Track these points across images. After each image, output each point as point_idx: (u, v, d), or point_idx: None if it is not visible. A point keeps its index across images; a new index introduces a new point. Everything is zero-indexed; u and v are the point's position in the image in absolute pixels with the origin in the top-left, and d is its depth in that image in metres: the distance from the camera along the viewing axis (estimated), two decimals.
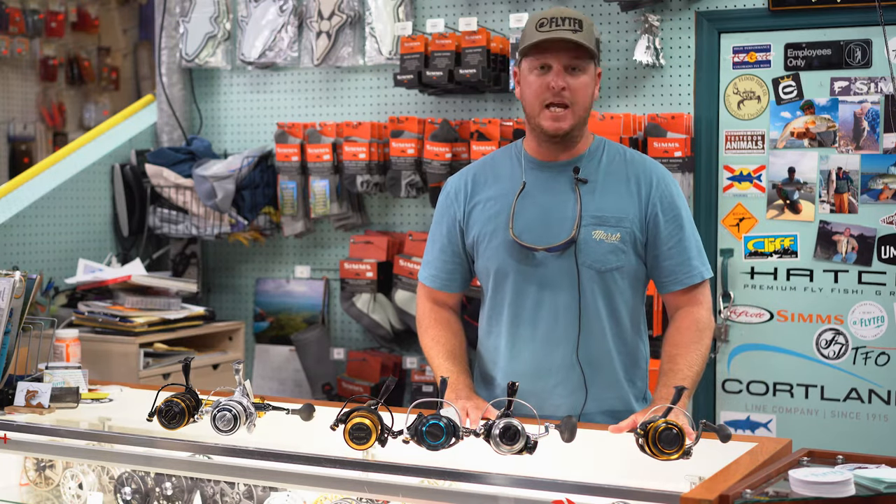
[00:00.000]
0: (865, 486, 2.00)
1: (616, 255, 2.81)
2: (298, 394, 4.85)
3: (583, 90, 2.78)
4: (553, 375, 2.84)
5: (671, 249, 2.84)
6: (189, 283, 4.61)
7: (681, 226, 2.84)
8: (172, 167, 4.83)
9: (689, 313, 2.85)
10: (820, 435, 4.02)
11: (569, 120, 2.78)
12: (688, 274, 2.85)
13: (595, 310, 2.83)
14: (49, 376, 2.91)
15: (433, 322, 3.00)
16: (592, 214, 2.80)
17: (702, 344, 2.81)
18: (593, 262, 2.80)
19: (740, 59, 4.12)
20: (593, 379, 2.84)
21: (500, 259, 2.86)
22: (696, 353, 2.78)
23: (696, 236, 2.89)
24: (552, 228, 2.81)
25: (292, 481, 2.36)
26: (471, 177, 2.97)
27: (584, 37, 2.75)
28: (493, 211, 2.89)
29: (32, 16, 7.81)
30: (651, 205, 2.83)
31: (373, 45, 4.66)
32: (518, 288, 2.86)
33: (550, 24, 2.75)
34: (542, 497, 2.10)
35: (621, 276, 2.83)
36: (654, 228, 2.83)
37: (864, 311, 3.99)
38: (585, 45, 2.74)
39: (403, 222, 4.73)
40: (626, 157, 2.89)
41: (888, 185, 3.93)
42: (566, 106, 2.77)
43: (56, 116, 8.21)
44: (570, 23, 2.75)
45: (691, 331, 2.82)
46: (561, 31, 2.74)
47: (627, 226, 2.81)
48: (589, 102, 2.81)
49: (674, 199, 2.85)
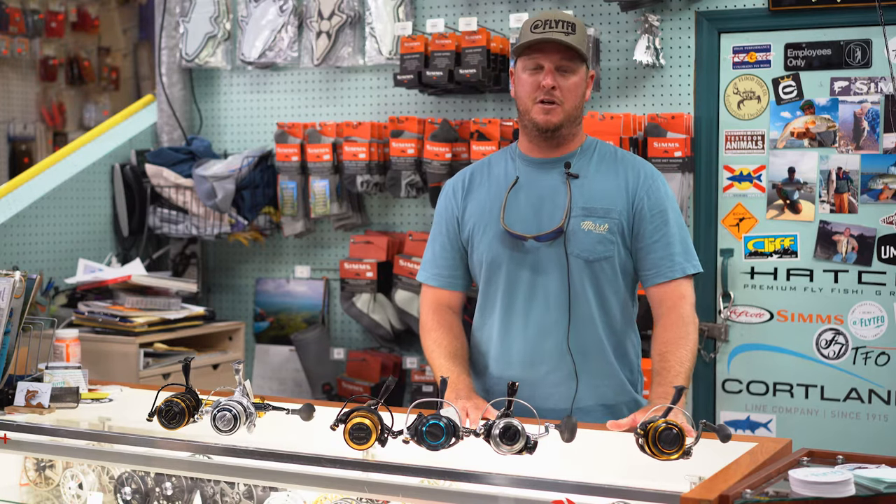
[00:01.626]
0: (865, 486, 2.00)
1: (604, 245, 2.87)
2: (298, 394, 4.84)
3: (573, 90, 2.87)
4: (544, 363, 2.89)
5: (655, 243, 2.89)
6: (189, 283, 4.61)
7: (665, 221, 2.89)
8: (172, 167, 4.83)
9: (672, 310, 2.88)
10: (820, 435, 4.02)
11: (558, 114, 2.87)
12: (670, 267, 2.89)
13: (585, 299, 2.88)
14: (49, 376, 2.91)
15: (436, 325, 3.03)
16: (581, 206, 2.88)
17: (689, 339, 2.83)
18: (581, 251, 2.86)
19: (740, 59, 4.12)
20: (584, 367, 2.88)
21: (494, 249, 2.94)
22: (684, 349, 2.81)
23: (684, 234, 2.94)
24: (543, 219, 2.89)
25: (292, 481, 2.36)
26: (467, 176, 3.07)
27: (576, 39, 2.85)
28: (486, 205, 2.98)
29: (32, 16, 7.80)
30: (638, 199, 2.89)
31: (373, 45, 4.66)
32: (511, 277, 2.92)
33: (544, 27, 2.85)
34: (542, 497, 2.10)
35: (610, 267, 2.89)
36: (639, 222, 2.89)
37: (864, 311, 3.99)
38: (576, 47, 2.83)
39: (403, 222, 4.73)
40: (618, 155, 2.98)
41: (888, 185, 3.93)
42: (556, 103, 2.85)
43: (56, 116, 8.20)
44: (563, 25, 2.85)
45: (677, 326, 2.85)
46: (554, 32, 2.84)
47: (616, 217, 2.88)
48: (579, 102, 2.90)
49: (660, 195, 2.91)
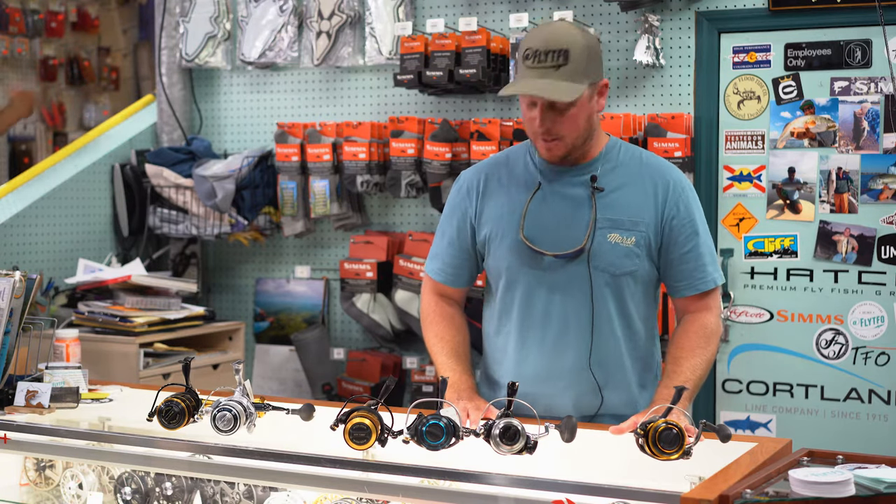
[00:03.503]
0: (865, 486, 2.00)
1: (630, 259, 2.79)
2: (298, 394, 4.84)
3: (569, 122, 2.73)
4: (562, 379, 2.83)
5: (686, 254, 2.82)
6: (189, 283, 4.61)
7: (696, 231, 2.83)
8: (172, 167, 4.83)
9: (698, 318, 2.84)
10: (820, 435, 4.01)
11: (561, 149, 2.78)
12: (702, 279, 2.83)
13: (607, 315, 2.81)
14: (49, 376, 2.91)
15: (438, 317, 2.99)
16: (608, 217, 2.79)
17: (708, 350, 2.80)
18: (607, 265, 2.78)
19: (740, 59, 4.11)
20: (605, 385, 2.83)
21: (510, 261, 2.85)
22: (700, 358, 2.77)
23: (710, 242, 2.88)
24: (565, 235, 2.80)
25: (292, 481, 2.36)
26: (484, 174, 2.95)
27: (567, 72, 2.67)
28: (505, 210, 2.88)
29: (32, 16, 7.79)
30: (668, 209, 2.81)
31: (373, 45, 4.66)
32: (528, 292, 2.84)
33: (534, 59, 2.69)
34: (542, 497, 2.10)
35: (634, 281, 2.82)
36: (669, 233, 2.82)
37: (864, 311, 3.99)
38: (557, 101, 2.67)
39: (403, 222, 4.73)
40: (643, 160, 2.87)
41: (888, 185, 3.93)
42: (556, 139, 2.76)
43: (56, 116, 8.20)
44: (553, 57, 2.67)
45: (699, 335, 2.81)
46: (542, 69, 2.68)
47: (643, 230, 2.80)
48: (583, 126, 2.76)
49: (689, 204, 2.84)
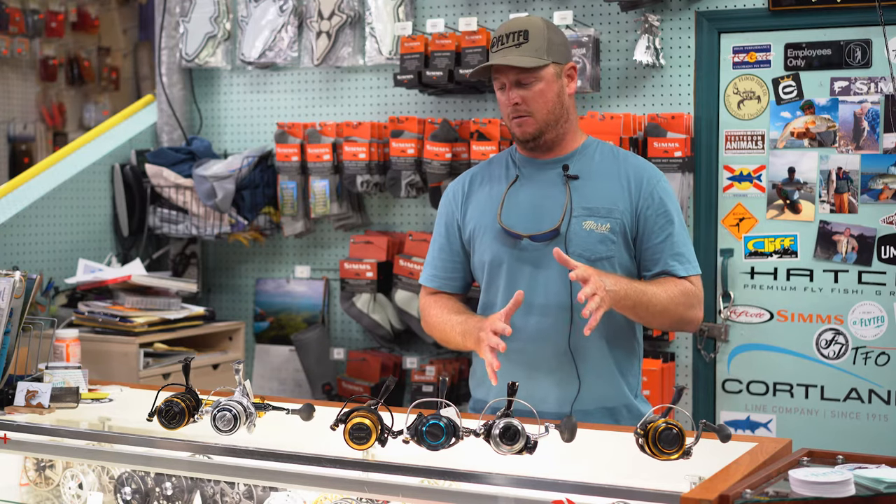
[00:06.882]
0: (865, 486, 2.00)
1: (605, 244, 2.85)
2: (298, 394, 4.84)
3: (538, 98, 2.86)
4: (544, 365, 2.87)
5: (661, 244, 2.88)
6: (189, 283, 4.61)
7: (670, 221, 2.89)
8: (172, 167, 4.83)
9: (683, 283, 2.87)
10: (820, 435, 4.01)
11: (531, 124, 2.88)
12: (676, 266, 2.88)
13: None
14: (49, 376, 2.91)
15: (433, 304, 3.05)
16: (583, 206, 2.87)
17: (679, 299, 2.82)
18: (583, 250, 2.84)
19: (740, 59, 4.11)
20: (585, 371, 2.86)
21: (493, 249, 2.93)
22: (666, 296, 2.80)
23: (686, 235, 2.93)
24: (541, 218, 2.88)
25: (292, 481, 2.37)
26: (468, 179, 3.08)
27: (528, 48, 2.83)
28: (486, 205, 2.98)
29: (32, 16, 7.80)
30: (642, 200, 2.88)
31: (373, 45, 4.66)
32: (511, 277, 2.91)
33: (497, 44, 2.87)
34: (542, 497, 2.10)
35: (611, 267, 2.86)
36: (644, 223, 2.88)
37: (864, 311, 3.99)
38: (517, 66, 2.81)
39: (403, 222, 4.73)
40: (619, 156, 2.96)
41: (888, 185, 3.93)
42: (525, 115, 2.87)
43: (56, 116, 8.20)
44: (513, 38, 2.85)
45: (677, 287, 2.84)
46: (504, 49, 2.85)
47: (618, 217, 2.86)
48: (552, 104, 2.88)
49: (663, 197, 2.90)
